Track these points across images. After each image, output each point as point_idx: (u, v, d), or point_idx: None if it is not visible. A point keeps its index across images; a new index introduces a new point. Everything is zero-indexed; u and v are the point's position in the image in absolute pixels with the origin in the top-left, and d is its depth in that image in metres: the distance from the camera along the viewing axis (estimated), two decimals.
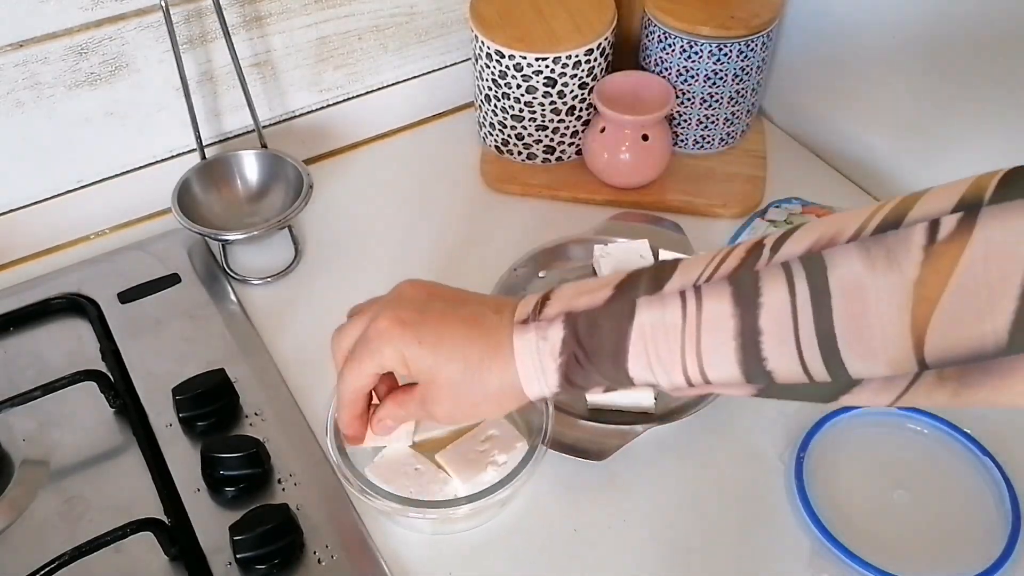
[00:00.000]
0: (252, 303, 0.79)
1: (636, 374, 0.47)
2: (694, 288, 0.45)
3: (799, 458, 0.65)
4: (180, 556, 0.61)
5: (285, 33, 0.85)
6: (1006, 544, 0.60)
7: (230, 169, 0.85)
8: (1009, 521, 0.61)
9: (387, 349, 0.52)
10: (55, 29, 0.75)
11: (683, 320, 0.44)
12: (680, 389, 0.47)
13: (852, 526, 0.62)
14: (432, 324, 0.52)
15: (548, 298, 0.50)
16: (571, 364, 0.48)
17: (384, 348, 0.52)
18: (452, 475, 0.61)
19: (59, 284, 0.79)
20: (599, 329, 0.47)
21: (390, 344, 0.52)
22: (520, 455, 0.61)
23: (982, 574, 0.59)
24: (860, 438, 0.67)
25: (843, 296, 0.40)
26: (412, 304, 0.53)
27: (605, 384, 0.49)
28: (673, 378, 0.46)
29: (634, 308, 0.46)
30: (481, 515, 0.62)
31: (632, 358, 0.46)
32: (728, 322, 0.43)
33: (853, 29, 0.84)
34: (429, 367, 0.51)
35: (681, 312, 0.44)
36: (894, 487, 0.64)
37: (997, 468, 0.64)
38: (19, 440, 0.68)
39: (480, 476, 0.61)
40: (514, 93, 0.85)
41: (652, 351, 0.46)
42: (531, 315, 0.50)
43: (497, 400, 0.52)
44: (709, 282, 0.44)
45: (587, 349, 0.48)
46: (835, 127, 0.91)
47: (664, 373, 0.46)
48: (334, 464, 0.61)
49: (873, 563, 0.59)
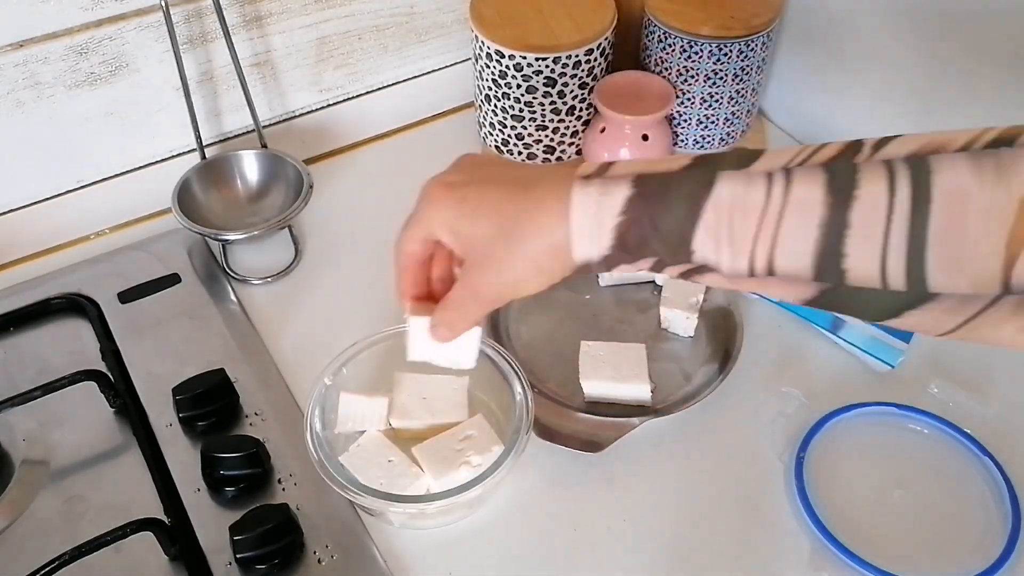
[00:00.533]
0: (252, 303, 0.79)
1: (699, 248, 0.44)
2: (784, 170, 0.42)
3: (799, 458, 0.65)
4: (180, 556, 0.61)
5: (285, 33, 0.85)
6: (1006, 544, 0.60)
7: (230, 169, 0.85)
8: (1009, 521, 0.61)
9: (433, 212, 0.50)
10: (55, 29, 0.75)
11: (766, 200, 0.42)
12: (737, 277, 0.44)
13: (852, 526, 0.62)
14: (477, 184, 0.49)
15: (613, 164, 0.47)
16: (630, 225, 0.45)
17: (431, 211, 0.50)
18: (425, 471, 0.62)
19: (59, 284, 0.79)
20: (671, 193, 0.44)
21: (436, 207, 0.50)
22: (494, 458, 0.61)
23: (982, 574, 0.59)
24: (860, 438, 0.67)
25: (944, 203, 0.38)
26: (463, 169, 0.52)
27: (658, 256, 0.45)
28: (737, 260, 0.43)
29: (714, 179, 0.43)
30: (449, 514, 0.63)
31: (701, 229, 0.43)
32: (816, 208, 0.40)
33: (853, 29, 0.84)
34: (468, 227, 0.49)
35: (765, 192, 0.42)
36: (894, 487, 0.65)
37: (997, 468, 0.64)
38: (19, 440, 0.68)
39: (452, 474, 0.61)
40: (514, 93, 0.85)
41: (725, 226, 0.43)
42: (596, 172, 0.46)
43: (536, 262, 0.48)
44: (802, 167, 0.42)
45: (653, 211, 0.44)
46: (835, 127, 0.91)
47: (729, 252, 0.43)
48: (311, 453, 0.61)
49: (873, 563, 0.59)
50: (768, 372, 0.72)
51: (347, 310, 0.78)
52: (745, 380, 0.71)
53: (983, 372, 0.71)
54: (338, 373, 0.66)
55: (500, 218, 0.48)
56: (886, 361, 0.71)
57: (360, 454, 0.63)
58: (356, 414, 0.65)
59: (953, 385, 0.69)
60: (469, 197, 0.49)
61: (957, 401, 0.69)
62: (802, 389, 0.70)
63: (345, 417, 0.65)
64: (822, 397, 0.69)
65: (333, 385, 0.65)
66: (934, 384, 0.70)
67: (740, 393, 0.70)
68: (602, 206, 0.45)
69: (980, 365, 0.72)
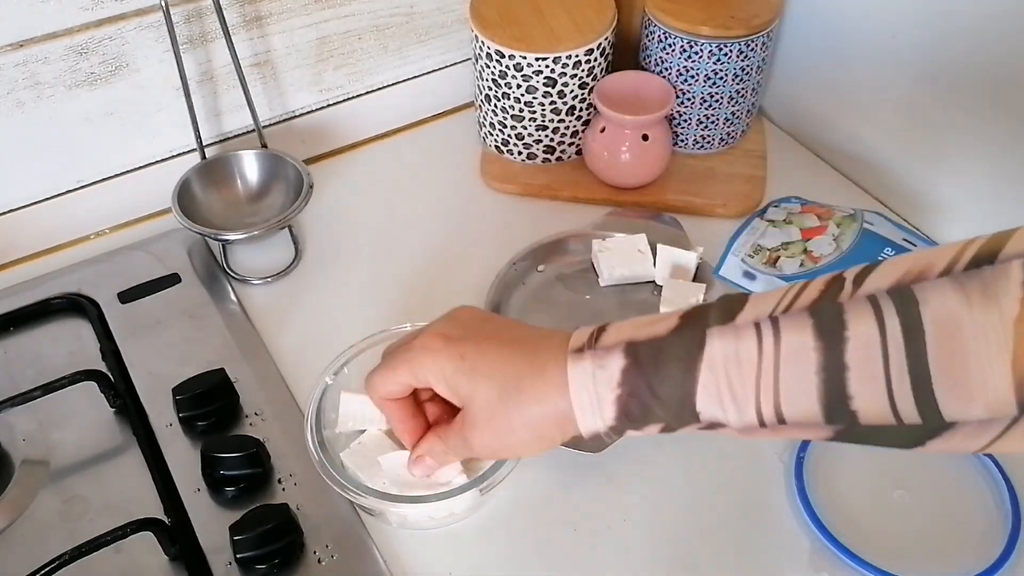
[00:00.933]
0: (252, 303, 0.79)
1: (704, 409, 0.44)
2: (770, 319, 0.42)
3: (799, 458, 0.65)
4: (180, 556, 0.61)
5: (285, 33, 0.85)
6: (1006, 544, 0.60)
7: (230, 169, 0.85)
8: (1009, 521, 0.61)
9: (427, 361, 0.50)
10: (55, 29, 0.75)
11: (759, 353, 0.41)
12: (750, 429, 0.44)
13: (852, 526, 0.62)
14: (475, 342, 0.50)
15: (604, 329, 0.47)
16: (631, 397, 0.45)
17: (424, 360, 0.51)
18: None
19: (59, 284, 0.79)
20: (664, 358, 0.44)
21: (431, 357, 0.50)
22: (491, 461, 0.61)
23: (982, 574, 0.59)
24: None
25: (938, 333, 0.38)
26: (461, 324, 0.52)
27: (664, 422, 0.46)
28: (745, 415, 0.43)
29: (704, 338, 0.43)
30: (450, 515, 0.62)
31: (701, 391, 0.43)
32: (810, 356, 0.40)
33: (853, 29, 0.84)
34: (467, 385, 0.49)
35: (757, 344, 0.41)
36: (894, 487, 0.64)
37: (997, 468, 0.64)
38: (19, 440, 0.68)
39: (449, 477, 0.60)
40: (514, 93, 0.85)
41: (724, 385, 0.43)
42: (587, 344, 0.47)
43: (537, 430, 0.48)
44: (787, 313, 0.41)
45: (650, 380, 0.44)
46: (835, 127, 0.91)
47: (735, 410, 0.43)
48: (312, 453, 0.61)
49: (873, 563, 0.59)
50: None
51: (347, 310, 0.78)
52: None
53: None
54: (339, 373, 0.66)
55: (502, 380, 0.48)
56: None
57: (361, 452, 0.62)
58: (357, 413, 0.65)
59: None
60: (468, 354, 0.49)
61: None
62: None
63: (346, 416, 0.65)
64: None
65: (334, 385, 0.65)
66: None
67: None
68: (598, 380, 0.46)
69: None
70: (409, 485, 0.60)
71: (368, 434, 0.64)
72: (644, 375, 0.45)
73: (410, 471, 0.58)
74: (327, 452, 0.62)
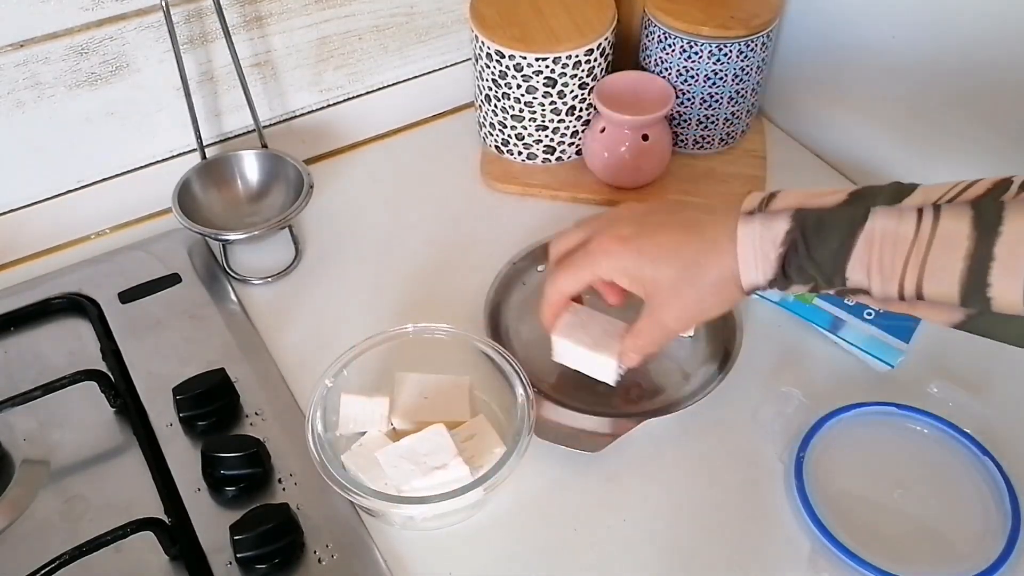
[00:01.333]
0: (252, 303, 0.79)
1: (852, 275, 0.49)
2: (933, 207, 0.46)
3: (799, 458, 0.65)
4: (180, 556, 0.61)
5: (285, 33, 0.85)
6: (1006, 544, 0.60)
7: (230, 169, 0.85)
8: (1009, 521, 0.61)
9: (607, 263, 0.57)
10: (56, 29, 0.75)
11: (916, 233, 0.46)
12: (889, 300, 0.49)
13: (852, 526, 0.62)
14: (650, 234, 0.56)
15: (774, 196, 0.52)
16: (791, 254, 0.50)
17: (604, 262, 0.57)
18: None
19: (60, 284, 0.79)
20: (827, 226, 0.49)
21: (611, 259, 0.56)
22: (496, 459, 0.61)
23: (982, 574, 0.59)
24: (860, 438, 0.67)
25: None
26: (631, 220, 0.58)
27: (814, 282, 0.51)
28: (887, 287, 0.48)
29: (867, 214, 0.48)
30: (451, 516, 0.62)
31: (854, 259, 0.48)
32: (962, 243, 0.44)
33: (853, 29, 0.84)
34: (651, 275, 0.55)
35: (915, 226, 0.46)
36: (894, 487, 0.65)
37: (997, 468, 0.64)
38: (20, 440, 0.68)
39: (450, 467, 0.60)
40: (514, 93, 0.85)
41: (876, 257, 0.47)
42: (758, 207, 0.52)
43: (717, 292, 0.54)
44: (951, 203, 0.46)
45: (810, 243, 0.49)
46: (835, 127, 0.91)
47: (880, 280, 0.48)
48: (313, 455, 0.60)
49: (873, 563, 0.59)
50: (768, 372, 0.72)
51: (347, 310, 0.78)
52: (745, 380, 0.71)
53: (983, 372, 0.71)
54: (339, 375, 0.66)
55: (681, 261, 0.54)
56: (886, 361, 0.71)
57: (362, 453, 0.63)
58: (357, 415, 0.65)
59: (953, 385, 0.69)
60: (644, 248, 0.56)
61: (957, 401, 0.68)
62: (802, 389, 0.70)
63: (346, 418, 0.65)
64: (822, 397, 0.69)
65: (334, 387, 0.65)
66: (934, 384, 0.70)
67: (740, 393, 0.70)
68: (764, 239, 0.51)
69: (980, 365, 0.72)
70: (410, 483, 0.60)
71: (369, 436, 0.64)
72: (805, 238, 0.50)
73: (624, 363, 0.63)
74: (328, 454, 0.62)
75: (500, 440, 0.63)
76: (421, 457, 0.60)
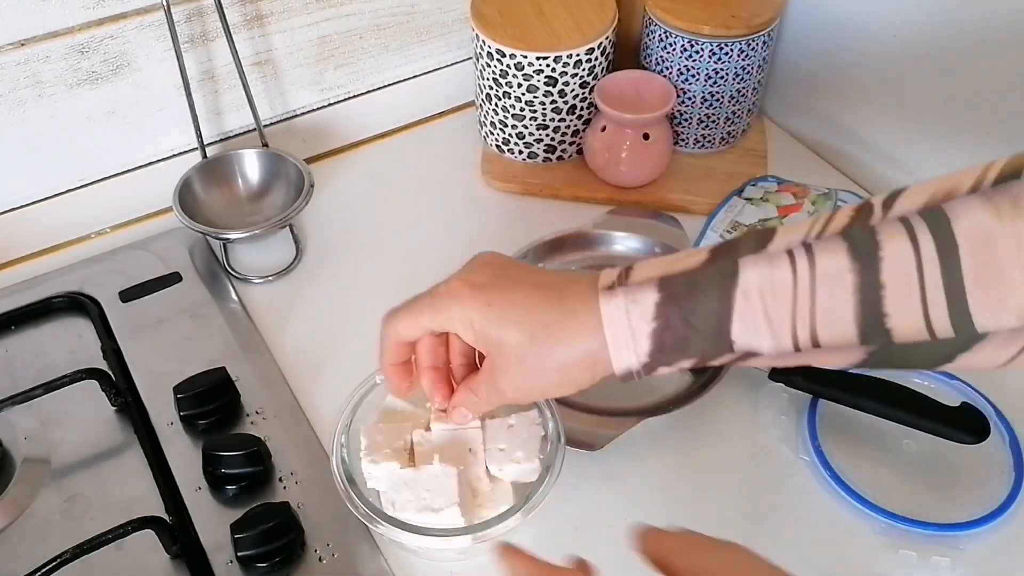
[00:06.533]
0: (253, 302, 0.79)
1: (739, 337, 0.44)
2: (803, 245, 0.43)
3: (816, 446, 0.66)
4: (181, 554, 0.61)
5: (286, 32, 0.85)
6: (1011, 489, 0.63)
7: (231, 168, 0.85)
8: (1012, 472, 0.64)
9: (454, 309, 0.50)
10: (56, 28, 0.75)
11: (794, 277, 0.42)
12: (784, 354, 0.45)
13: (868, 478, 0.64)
14: (502, 288, 0.50)
15: (631, 269, 0.48)
16: (666, 329, 0.45)
17: (451, 307, 0.50)
18: None
19: (60, 283, 0.79)
20: (699, 290, 0.44)
21: (458, 305, 0.50)
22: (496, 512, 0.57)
23: (985, 517, 0.61)
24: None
25: (971, 246, 0.39)
26: (488, 268, 0.52)
27: (699, 354, 0.46)
28: (780, 341, 0.44)
29: (737, 268, 0.44)
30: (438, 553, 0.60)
31: (736, 319, 0.44)
32: (846, 277, 0.41)
33: (854, 28, 0.84)
34: (495, 332, 0.49)
35: (791, 269, 0.42)
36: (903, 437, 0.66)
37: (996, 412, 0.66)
38: (21, 438, 0.68)
39: None
40: (515, 92, 0.85)
41: (760, 311, 0.43)
42: (616, 282, 0.47)
43: (565, 372, 0.48)
44: (819, 239, 0.43)
45: (685, 311, 0.45)
46: (835, 126, 0.91)
47: (770, 335, 0.44)
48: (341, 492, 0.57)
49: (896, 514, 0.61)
50: (768, 369, 0.72)
51: (348, 309, 0.78)
52: (745, 377, 0.71)
53: None
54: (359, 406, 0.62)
55: (531, 325, 0.48)
56: None
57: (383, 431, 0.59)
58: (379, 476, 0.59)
59: None
60: (495, 301, 0.49)
61: None
62: None
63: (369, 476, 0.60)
64: None
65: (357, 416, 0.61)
66: None
67: (740, 391, 0.70)
68: (632, 315, 0.46)
69: None
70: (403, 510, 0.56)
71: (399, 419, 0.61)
72: (679, 307, 0.45)
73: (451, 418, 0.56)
74: (355, 486, 0.58)
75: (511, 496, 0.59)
76: (423, 493, 0.57)
